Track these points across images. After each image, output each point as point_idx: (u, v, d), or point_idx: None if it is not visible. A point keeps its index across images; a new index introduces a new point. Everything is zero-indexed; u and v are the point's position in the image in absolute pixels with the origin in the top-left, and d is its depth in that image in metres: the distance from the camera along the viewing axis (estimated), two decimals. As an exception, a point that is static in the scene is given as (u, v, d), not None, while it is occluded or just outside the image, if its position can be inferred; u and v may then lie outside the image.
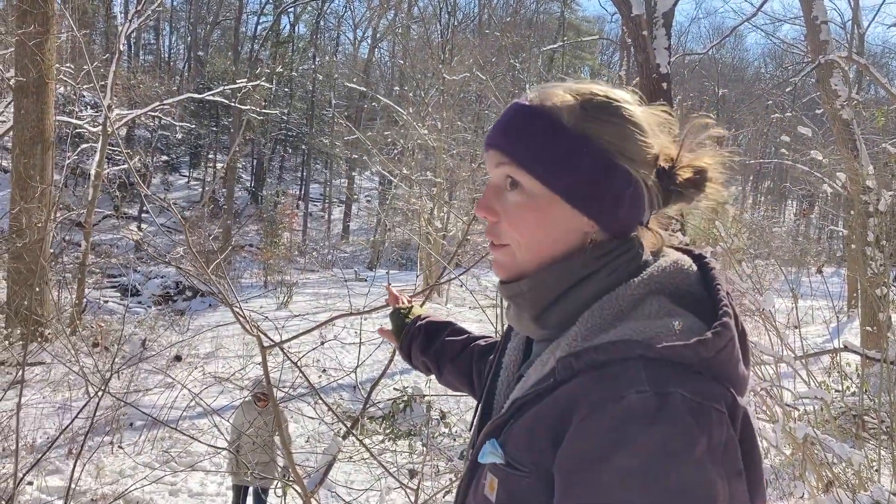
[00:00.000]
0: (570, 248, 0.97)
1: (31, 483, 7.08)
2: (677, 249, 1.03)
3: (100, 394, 2.62)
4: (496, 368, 1.16)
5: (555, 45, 27.08)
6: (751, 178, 45.12)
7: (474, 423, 1.16)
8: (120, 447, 8.38)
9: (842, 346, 4.67)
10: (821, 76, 10.13)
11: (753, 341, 4.25)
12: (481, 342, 1.53)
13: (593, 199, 0.94)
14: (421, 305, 1.74)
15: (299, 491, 2.27)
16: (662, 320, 0.88)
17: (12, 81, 12.40)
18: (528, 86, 21.27)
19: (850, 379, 6.85)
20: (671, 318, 0.89)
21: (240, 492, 6.48)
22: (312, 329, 2.36)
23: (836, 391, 6.50)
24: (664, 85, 6.93)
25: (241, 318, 2.24)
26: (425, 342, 1.57)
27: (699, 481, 0.76)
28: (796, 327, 4.85)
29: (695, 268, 0.99)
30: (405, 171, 21.32)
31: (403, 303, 1.72)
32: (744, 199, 40.59)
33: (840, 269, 20.50)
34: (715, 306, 0.92)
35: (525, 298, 0.99)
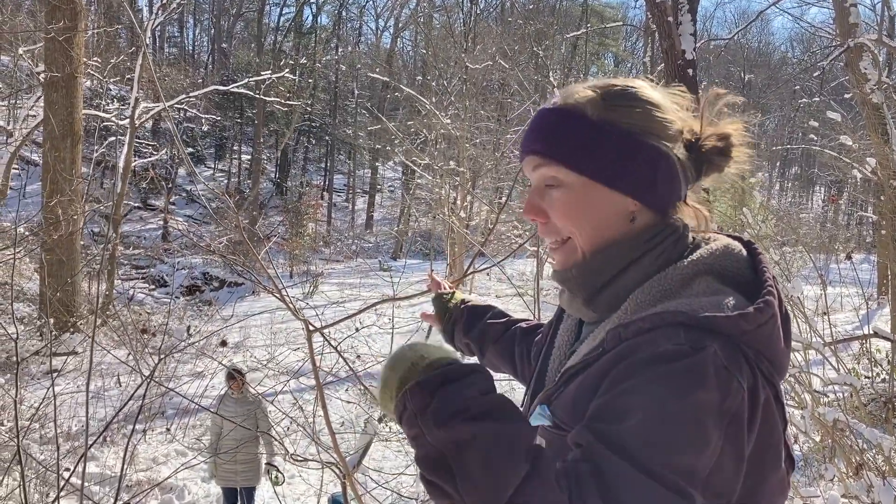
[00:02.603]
0: (621, 229, 1.02)
1: (68, 469, 7.23)
2: (727, 236, 1.09)
3: (149, 379, 2.70)
4: (548, 348, 1.22)
5: (578, 32, 26.86)
6: (778, 164, 44.57)
7: (526, 398, 1.23)
8: (167, 430, 8.53)
9: (871, 332, 4.64)
10: (850, 60, 9.98)
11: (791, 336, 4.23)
12: (523, 324, 1.59)
13: (628, 178, 1.00)
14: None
15: (337, 472, 2.33)
16: (709, 298, 0.93)
17: (42, 76, 12.59)
18: (551, 73, 21.13)
19: (881, 365, 6.79)
20: (718, 296, 0.93)
21: (232, 495, 6.18)
22: (358, 313, 2.42)
23: (866, 378, 6.45)
24: (690, 71, 6.87)
25: (289, 305, 2.31)
26: (468, 325, 1.64)
27: (695, 423, 0.81)
28: (825, 314, 4.83)
29: (744, 252, 1.05)
30: (428, 161, 21.34)
31: (445, 288, 1.78)
32: (771, 185, 40.14)
33: (870, 256, 20.24)
34: (760, 287, 0.97)
35: (576, 283, 1.05)
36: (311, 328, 2.05)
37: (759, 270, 1.01)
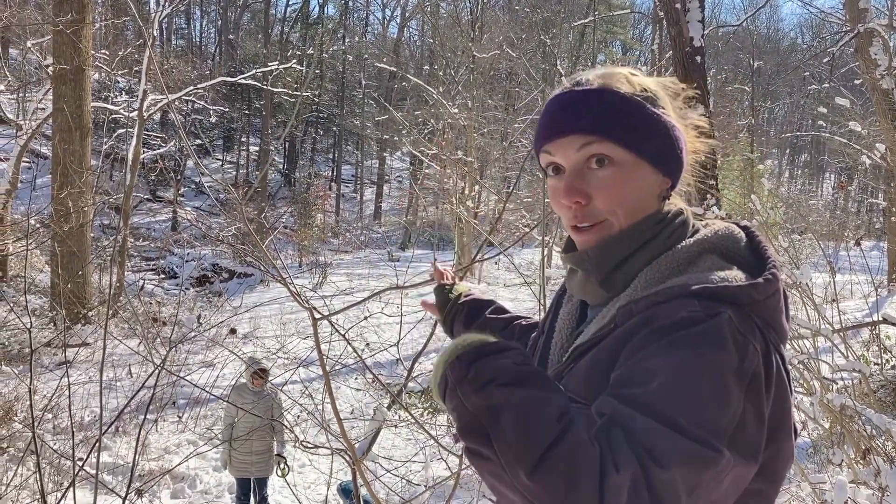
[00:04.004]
0: (653, 208, 1.08)
1: (81, 459, 7.30)
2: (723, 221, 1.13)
3: (160, 368, 2.73)
4: (549, 335, 1.24)
5: (586, 20, 26.66)
6: (787, 151, 44.34)
7: None
8: (178, 417, 8.60)
9: (881, 318, 4.63)
10: (860, 45, 9.92)
11: (791, 315, 4.24)
12: (523, 321, 1.61)
13: (670, 158, 1.07)
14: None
15: (347, 458, 2.35)
16: (715, 273, 0.97)
17: (51, 69, 12.63)
18: (559, 62, 21.06)
19: (890, 352, 6.78)
20: (724, 271, 0.97)
21: (245, 484, 6.24)
22: (362, 301, 2.43)
23: (876, 364, 6.45)
24: (698, 58, 6.84)
25: (294, 293, 2.33)
26: (468, 318, 1.64)
27: (717, 382, 0.84)
28: (834, 301, 4.82)
29: (744, 235, 1.09)
30: (436, 151, 21.34)
31: (448, 279, 1.78)
32: (780, 172, 39.94)
33: (880, 243, 20.16)
34: (763, 265, 1.01)
35: (593, 263, 1.07)
36: (316, 316, 2.07)
37: (759, 249, 1.05)
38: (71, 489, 3.12)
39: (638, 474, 0.78)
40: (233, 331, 12.62)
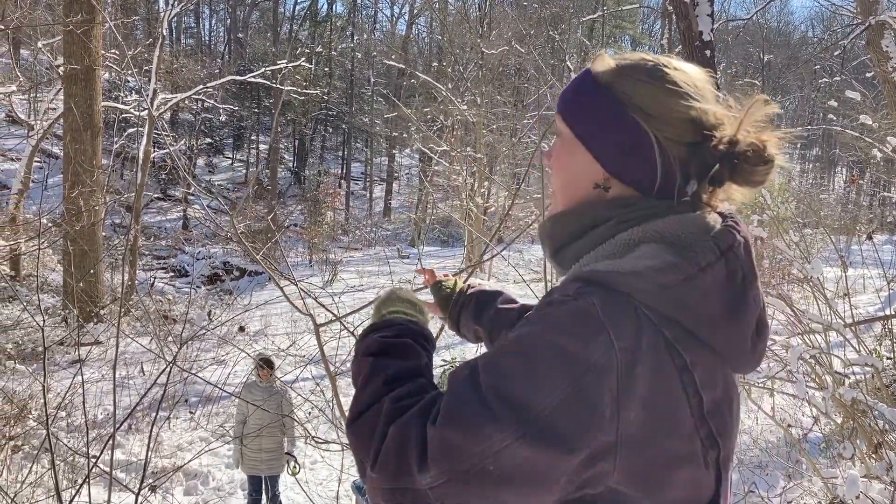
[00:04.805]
0: (588, 194, 1.04)
1: (95, 456, 7.35)
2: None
3: (171, 365, 2.75)
4: None
5: (594, 15, 26.63)
6: (798, 145, 44.03)
7: None
8: (190, 413, 8.64)
9: (893, 313, 4.60)
10: (871, 38, 9.83)
11: (802, 309, 4.22)
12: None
13: (601, 144, 1.02)
14: (465, 280, 1.78)
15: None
16: (635, 260, 0.94)
17: (61, 69, 12.69)
18: (567, 57, 21.00)
19: (903, 346, 6.72)
20: (646, 260, 0.93)
21: (257, 482, 6.27)
22: (360, 309, 2.43)
23: (888, 359, 6.40)
24: (707, 53, 6.79)
25: (289, 299, 2.33)
26: (477, 311, 1.59)
27: (541, 362, 0.86)
28: (846, 295, 4.79)
29: (717, 225, 0.99)
30: (445, 148, 21.33)
31: (439, 276, 1.75)
32: (791, 167, 39.67)
33: (892, 237, 20.04)
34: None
35: (547, 236, 1.10)
36: (317, 321, 2.07)
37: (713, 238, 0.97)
38: (85, 486, 3.15)
39: (409, 431, 0.88)
40: (241, 328, 12.66)
